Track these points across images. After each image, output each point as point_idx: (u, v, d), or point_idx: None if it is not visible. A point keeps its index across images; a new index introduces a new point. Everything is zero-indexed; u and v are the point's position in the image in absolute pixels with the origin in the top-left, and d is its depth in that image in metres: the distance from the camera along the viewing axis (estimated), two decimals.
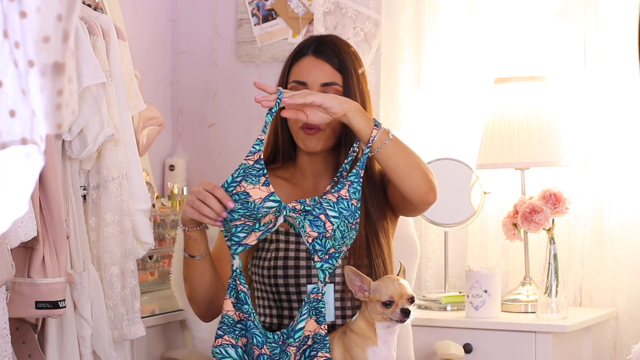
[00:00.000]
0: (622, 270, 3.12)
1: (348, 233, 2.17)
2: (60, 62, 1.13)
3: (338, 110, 2.18)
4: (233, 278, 2.14)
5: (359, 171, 2.19)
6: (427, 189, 2.27)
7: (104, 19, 2.61)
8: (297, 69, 2.42)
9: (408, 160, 2.25)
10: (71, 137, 2.45)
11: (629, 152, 3.12)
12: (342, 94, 2.37)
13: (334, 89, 2.38)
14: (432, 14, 3.38)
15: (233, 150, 3.72)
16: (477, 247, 3.30)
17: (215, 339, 2.14)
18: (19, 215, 1.13)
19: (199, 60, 3.80)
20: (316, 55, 2.41)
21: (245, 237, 2.14)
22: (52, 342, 2.46)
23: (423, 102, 3.38)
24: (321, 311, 2.13)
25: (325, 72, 2.39)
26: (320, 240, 2.13)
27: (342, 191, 2.16)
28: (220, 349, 2.13)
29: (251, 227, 2.13)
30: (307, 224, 2.13)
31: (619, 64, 3.13)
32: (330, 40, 2.45)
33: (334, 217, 2.14)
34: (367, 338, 2.18)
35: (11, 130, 1.10)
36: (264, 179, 2.13)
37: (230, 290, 2.14)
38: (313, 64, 2.40)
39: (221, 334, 2.13)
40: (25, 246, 2.23)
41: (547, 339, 2.84)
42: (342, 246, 2.16)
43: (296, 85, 2.40)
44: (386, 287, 2.15)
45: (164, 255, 3.23)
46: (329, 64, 2.40)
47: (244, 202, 2.11)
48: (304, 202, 2.14)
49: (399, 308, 2.13)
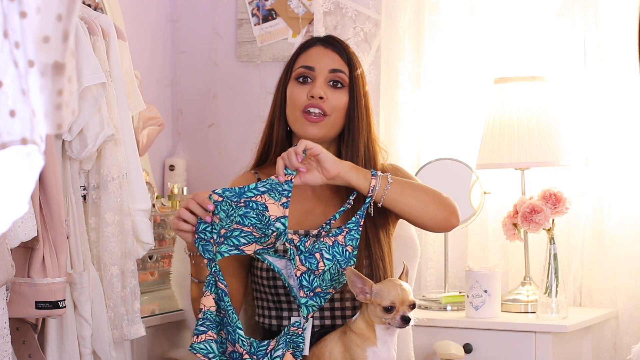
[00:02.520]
0: (622, 270, 3.12)
1: (338, 277, 2.18)
2: (60, 62, 1.13)
3: (331, 168, 2.19)
4: (213, 275, 2.12)
5: (358, 220, 2.21)
6: (447, 215, 2.28)
7: (104, 19, 2.61)
8: (305, 57, 2.42)
9: (417, 197, 2.25)
10: (71, 137, 2.45)
11: (629, 152, 3.12)
12: (347, 85, 2.38)
13: (340, 76, 2.38)
14: (432, 13, 3.38)
15: (233, 150, 3.72)
16: (477, 247, 3.30)
17: (196, 335, 2.11)
18: (19, 215, 1.13)
19: (199, 60, 3.80)
20: (325, 45, 2.43)
21: (245, 244, 2.13)
22: (52, 342, 2.46)
23: (423, 102, 3.38)
24: (299, 345, 2.13)
25: (333, 60, 2.40)
26: (309, 276, 2.14)
27: (339, 237, 2.18)
28: (205, 344, 2.10)
29: (256, 238, 2.13)
30: (301, 258, 2.14)
31: (619, 64, 3.13)
32: (335, 37, 2.48)
33: (327, 259, 2.16)
34: (367, 338, 2.18)
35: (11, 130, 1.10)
36: (285, 200, 2.13)
37: (209, 287, 2.12)
38: (322, 52, 2.41)
39: (204, 329, 2.10)
40: (25, 246, 2.23)
41: (547, 339, 2.84)
42: (330, 288, 2.17)
43: (304, 70, 2.39)
44: (388, 291, 2.14)
45: (164, 255, 3.23)
46: (337, 53, 2.41)
47: (260, 214, 2.12)
48: (304, 241, 2.15)
49: (399, 315, 2.12)
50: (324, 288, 2.16)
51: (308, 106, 2.36)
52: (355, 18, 3.49)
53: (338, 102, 2.37)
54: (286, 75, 2.43)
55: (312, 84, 2.38)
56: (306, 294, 2.14)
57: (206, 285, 2.13)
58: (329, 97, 2.36)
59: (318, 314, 2.36)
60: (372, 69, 3.45)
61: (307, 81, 2.39)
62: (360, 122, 2.39)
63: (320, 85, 2.37)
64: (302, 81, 2.39)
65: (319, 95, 2.35)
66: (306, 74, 2.39)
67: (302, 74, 2.39)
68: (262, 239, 2.13)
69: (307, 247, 2.15)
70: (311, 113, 2.36)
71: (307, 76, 2.39)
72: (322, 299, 2.16)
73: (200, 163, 3.77)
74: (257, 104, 3.68)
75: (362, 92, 2.40)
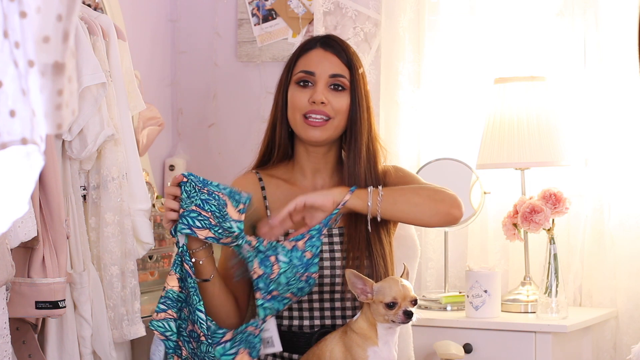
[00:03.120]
0: (622, 270, 3.12)
1: (295, 282, 2.18)
2: (60, 62, 1.13)
3: (325, 202, 2.20)
4: (180, 255, 2.15)
5: (321, 228, 2.21)
6: (447, 209, 2.28)
7: (104, 19, 2.61)
8: (305, 61, 2.41)
9: (410, 202, 2.27)
10: (71, 137, 2.45)
11: (629, 152, 3.12)
12: (348, 88, 2.38)
13: (341, 80, 2.38)
14: (432, 13, 3.38)
15: (233, 150, 3.72)
16: (477, 247, 3.30)
17: (157, 313, 2.16)
18: (19, 215, 1.13)
19: (199, 60, 3.80)
20: (324, 48, 2.41)
21: (199, 228, 2.13)
22: (52, 342, 2.46)
23: (423, 102, 3.37)
24: (255, 346, 2.15)
25: (333, 64, 2.39)
26: (265, 280, 2.15)
27: (299, 242, 2.19)
28: (163, 322, 2.16)
29: (211, 224, 2.13)
30: (257, 261, 2.15)
31: (619, 64, 3.13)
32: (335, 37, 2.47)
33: (282, 261, 2.17)
34: (368, 338, 2.18)
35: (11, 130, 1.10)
36: (242, 207, 2.15)
37: (175, 266, 2.16)
38: (322, 55, 2.40)
39: (164, 308, 2.16)
40: (25, 246, 2.23)
41: (547, 339, 2.84)
42: (287, 292, 2.18)
43: (304, 75, 2.39)
44: (389, 288, 2.15)
45: (164, 255, 3.23)
46: (337, 56, 2.40)
47: (220, 206, 2.13)
48: (260, 242, 2.16)
49: (401, 310, 2.13)
50: (281, 292, 2.17)
51: (310, 112, 2.36)
52: (355, 18, 3.49)
53: (340, 105, 2.37)
54: (287, 76, 2.43)
55: (313, 89, 2.37)
56: (263, 296, 2.15)
57: (172, 264, 2.17)
58: (331, 101, 2.36)
59: (318, 313, 2.36)
60: (372, 69, 3.45)
61: (308, 85, 2.38)
62: (362, 122, 2.39)
63: (321, 90, 2.36)
64: (303, 85, 2.39)
65: (320, 101, 2.35)
66: (307, 78, 2.38)
67: (303, 79, 2.39)
68: (217, 229, 2.13)
69: (264, 246, 2.17)
70: (312, 117, 2.36)
71: (307, 80, 2.39)
72: (280, 304, 2.17)
73: (200, 163, 3.77)
74: (257, 104, 3.67)
75: (363, 93, 2.40)
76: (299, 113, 2.37)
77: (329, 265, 2.35)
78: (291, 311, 2.36)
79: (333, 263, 2.35)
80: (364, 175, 2.37)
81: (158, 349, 2.19)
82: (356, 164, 2.37)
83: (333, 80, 2.37)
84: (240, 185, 2.45)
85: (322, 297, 2.36)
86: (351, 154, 2.38)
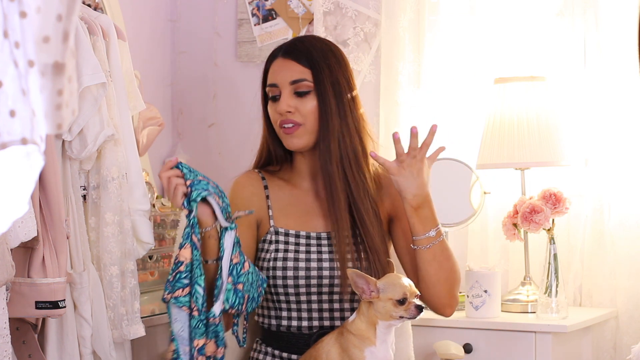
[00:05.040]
0: (622, 270, 3.12)
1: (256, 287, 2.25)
2: (60, 62, 1.13)
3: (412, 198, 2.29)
4: (190, 226, 2.15)
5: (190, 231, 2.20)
6: (446, 304, 2.38)
7: (104, 19, 2.61)
8: (270, 73, 2.46)
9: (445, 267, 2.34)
10: (71, 137, 2.45)
11: (629, 152, 3.12)
12: (313, 89, 2.38)
13: (303, 85, 2.39)
14: (432, 14, 3.37)
15: (233, 150, 3.72)
16: (477, 247, 3.30)
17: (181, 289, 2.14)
18: (19, 215, 1.13)
19: (199, 60, 3.80)
20: (284, 55, 2.43)
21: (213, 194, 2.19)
22: (52, 342, 2.46)
23: (423, 102, 3.37)
24: (218, 334, 2.16)
25: (292, 70, 2.40)
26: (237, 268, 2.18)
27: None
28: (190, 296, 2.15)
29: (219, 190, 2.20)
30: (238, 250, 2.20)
31: (619, 64, 3.13)
32: (301, 39, 2.47)
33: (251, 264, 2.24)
34: (366, 338, 2.18)
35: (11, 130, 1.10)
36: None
37: (189, 239, 2.16)
38: (281, 64, 2.42)
39: (188, 282, 2.14)
40: (25, 246, 2.23)
41: (547, 339, 2.84)
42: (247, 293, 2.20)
43: (270, 88, 2.44)
44: (398, 285, 2.15)
45: (164, 255, 3.23)
46: (295, 61, 2.41)
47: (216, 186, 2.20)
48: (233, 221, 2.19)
49: (412, 305, 2.14)
50: (245, 289, 2.20)
51: (282, 122, 2.39)
52: (355, 18, 3.49)
53: (307, 108, 2.39)
54: (263, 92, 2.47)
55: (279, 101, 2.40)
56: (232, 283, 2.18)
57: (185, 237, 2.16)
58: (298, 107, 2.38)
59: (317, 314, 2.36)
60: (372, 69, 3.45)
61: (277, 99, 2.41)
62: (330, 118, 2.38)
63: (284, 100, 2.39)
64: (273, 100, 2.42)
65: (285, 111, 2.38)
66: (273, 92, 2.43)
67: (271, 93, 2.43)
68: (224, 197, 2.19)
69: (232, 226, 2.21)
70: (285, 126, 2.39)
71: (275, 94, 2.41)
72: (239, 299, 2.18)
73: (200, 163, 3.76)
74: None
75: (328, 88, 2.38)
76: (277, 127, 2.42)
77: (328, 266, 2.35)
78: (290, 312, 2.36)
79: (332, 264, 2.35)
80: (340, 173, 2.36)
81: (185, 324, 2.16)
82: (327, 163, 2.37)
83: (295, 87, 2.39)
84: (243, 184, 2.46)
85: (320, 298, 2.36)
86: (322, 153, 2.38)
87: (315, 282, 2.35)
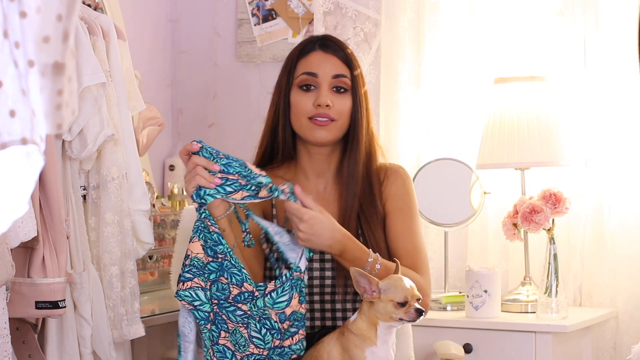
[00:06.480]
0: (622, 270, 3.12)
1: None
2: (60, 62, 1.13)
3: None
4: (202, 220, 2.13)
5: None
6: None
7: (104, 19, 2.61)
8: (306, 63, 2.40)
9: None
10: (71, 137, 2.45)
11: (629, 152, 3.12)
12: (350, 87, 2.37)
13: (343, 81, 2.37)
14: (432, 13, 3.38)
15: (233, 150, 3.69)
16: (477, 247, 3.30)
17: (182, 282, 2.11)
18: (19, 215, 1.13)
19: (199, 60, 3.80)
20: (324, 49, 2.40)
21: (231, 192, 2.14)
22: (52, 342, 2.46)
23: (423, 102, 3.37)
24: (302, 291, 2.13)
25: (335, 65, 2.39)
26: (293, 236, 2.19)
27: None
28: (190, 292, 2.11)
29: (242, 185, 2.14)
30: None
31: (619, 64, 3.13)
32: (333, 38, 2.46)
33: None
34: (367, 338, 2.17)
35: (11, 130, 1.10)
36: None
37: (198, 233, 2.13)
38: (323, 57, 2.39)
39: (190, 276, 2.11)
40: (25, 246, 2.23)
41: (547, 339, 2.84)
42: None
43: (307, 76, 2.37)
44: (400, 287, 2.14)
45: (164, 255, 3.23)
46: (337, 57, 2.40)
47: (242, 166, 2.14)
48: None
49: (412, 308, 2.14)
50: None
51: (315, 115, 2.35)
52: (355, 18, 3.49)
53: (343, 106, 2.37)
54: (287, 79, 2.41)
55: (316, 92, 2.36)
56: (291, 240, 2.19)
57: (194, 231, 2.13)
58: (335, 103, 2.36)
59: (319, 314, 2.36)
60: (372, 69, 3.45)
61: (311, 89, 2.38)
62: (362, 123, 2.39)
63: (325, 94, 2.35)
64: (306, 89, 2.38)
65: (325, 104, 2.34)
66: (309, 81, 2.37)
67: (306, 82, 2.38)
68: (249, 187, 2.14)
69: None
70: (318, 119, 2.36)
71: (310, 84, 2.38)
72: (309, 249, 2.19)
73: None
74: (257, 104, 3.67)
75: (362, 93, 2.40)
76: (305, 117, 2.36)
77: (331, 266, 2.35)
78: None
79: (334, 264, 2.35)
80: (362, 178, 2.37)
81: (187, 320, 2.14)
82: (356, 165, 2.37)
83: (336, 82, 2.37)
84: None
85: (323, 298, 2.36)
86: (352, 154, 2.38)
87: (318, 282, 2.35)
